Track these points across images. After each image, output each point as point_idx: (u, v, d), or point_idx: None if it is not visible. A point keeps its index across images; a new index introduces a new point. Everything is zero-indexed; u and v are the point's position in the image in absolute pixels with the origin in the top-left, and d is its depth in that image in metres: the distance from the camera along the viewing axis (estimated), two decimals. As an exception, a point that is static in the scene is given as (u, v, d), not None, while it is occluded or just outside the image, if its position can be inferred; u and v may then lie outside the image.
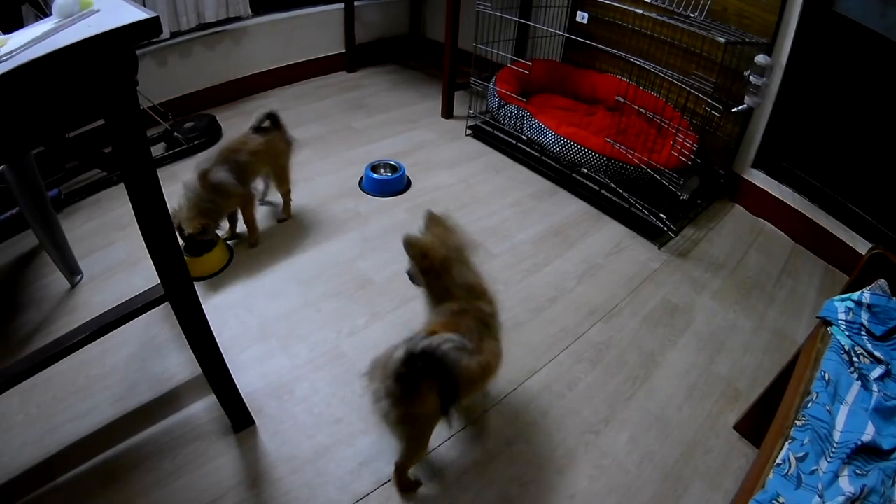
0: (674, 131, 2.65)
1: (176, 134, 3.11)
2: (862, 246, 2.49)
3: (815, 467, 1.07)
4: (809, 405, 1.19)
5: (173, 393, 1.82)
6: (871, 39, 2.37)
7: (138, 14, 1.01)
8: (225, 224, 2.45)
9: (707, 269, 2.56)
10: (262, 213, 2.63)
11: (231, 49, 3.69)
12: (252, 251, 2.45)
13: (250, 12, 3.67)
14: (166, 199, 1.23)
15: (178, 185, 2.81)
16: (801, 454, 1.08)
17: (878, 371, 1.28)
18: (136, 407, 1.77)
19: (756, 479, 1.07)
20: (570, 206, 2.89)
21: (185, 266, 1.38)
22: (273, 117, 2.43)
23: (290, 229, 2.60)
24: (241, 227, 2.50)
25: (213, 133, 3.29)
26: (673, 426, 1.84)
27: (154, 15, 1.01)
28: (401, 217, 2.72)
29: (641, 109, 2.73)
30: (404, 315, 2.17)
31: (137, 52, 3.15)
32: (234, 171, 2.24)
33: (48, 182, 2.63)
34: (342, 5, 4.13)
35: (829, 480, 1.04)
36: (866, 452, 1.10)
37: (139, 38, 1.01)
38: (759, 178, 2.98)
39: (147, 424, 1.72)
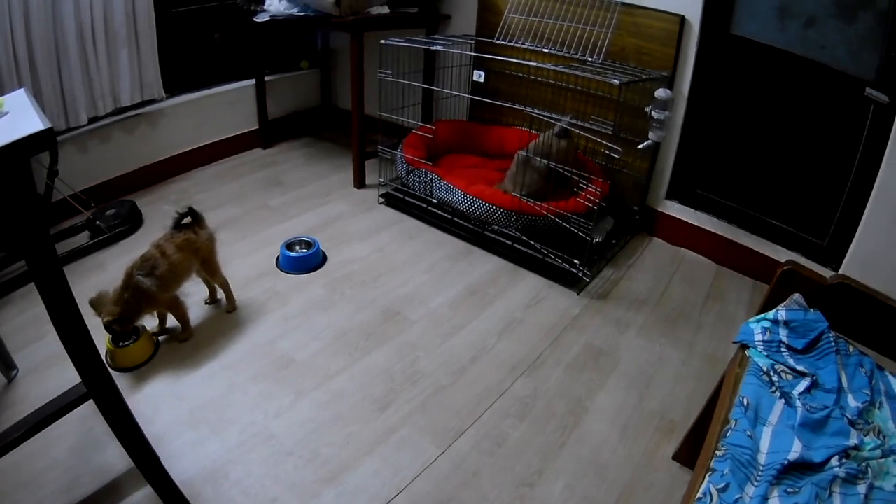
0: (576, 178, 2.67)
1: (98, 223, 3.00)
2: (785, 256, 2.53)
3: (738, 495, 1.00)
4: (728, 433, 1.15)
5: (114, 483, 1.75)
6: (771, 56, 2.47)
7: (35, 125, 1.05)
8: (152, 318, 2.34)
9: (629, 307, 2.54)
10: (192, 300, 2.51)
11: (148, 132, 3.60)
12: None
13: (164, 94, 3.59)
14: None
15: (105, 274, 2.73)
16: (721, 485, 1.02)
17: (802, 385, 1.27)
18: (81, 499, 1.69)
19: (681, 518, 1.00)
20: (486, 264, 2.86)
21: (103, 364, 1.38)
22: (192, 213, 2.33)
23: (213, 313, 2.50)
24: (171, 321, 2.38)
25: (134, 219, 3.18)
26: (610, 468, 1.78)
27: (47, 127, 1.05)
28: (317, 293, 2.63)
29: (543, 161, 2.73)
30: (328, 392, 2.08)
31: (59, 138, 3.05)
32: (157, 275, 2.13)
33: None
34: (253, 81, 4.11)
35: (756, 506, 0.98)
36: (798, 469, 1.06)
37: (31, 150, 1.04)
38: (675, 209, 3.04)
39: (92, 517, 1.64)
